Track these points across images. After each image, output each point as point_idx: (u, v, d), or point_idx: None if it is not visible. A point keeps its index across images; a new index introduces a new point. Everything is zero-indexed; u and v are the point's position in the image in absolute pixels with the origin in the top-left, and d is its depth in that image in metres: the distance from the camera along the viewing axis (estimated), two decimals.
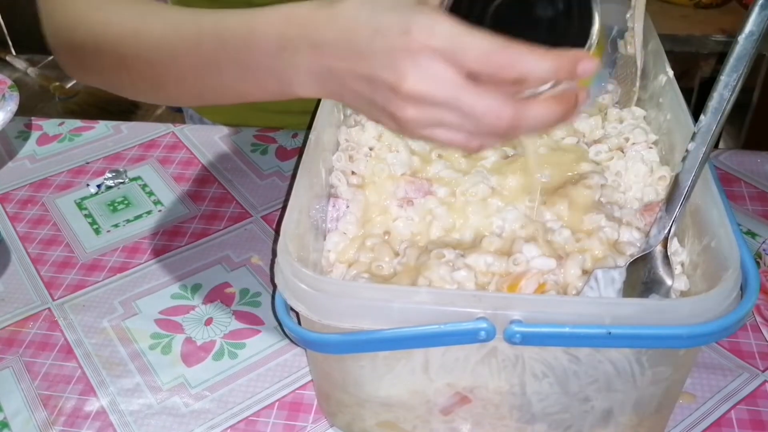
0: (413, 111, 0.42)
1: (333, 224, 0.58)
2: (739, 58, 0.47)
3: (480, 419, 0.51)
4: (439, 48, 0.40)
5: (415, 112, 0.43)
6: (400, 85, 0.41)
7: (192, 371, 0.61)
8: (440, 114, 0.42)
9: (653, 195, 0.58)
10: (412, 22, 0.41)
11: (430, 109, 0.42)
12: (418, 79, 0.41)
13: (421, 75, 0.41)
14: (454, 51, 0.40)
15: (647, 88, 0.67)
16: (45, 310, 0.67)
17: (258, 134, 0.87)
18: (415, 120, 0.43)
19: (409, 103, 0.42)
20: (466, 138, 0.44)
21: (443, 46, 0.40)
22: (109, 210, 0.77)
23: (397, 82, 0.41)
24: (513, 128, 0.42)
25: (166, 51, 0.52)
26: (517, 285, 0.50)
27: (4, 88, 0.90)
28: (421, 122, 0.43)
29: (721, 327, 0.42)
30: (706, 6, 1.51)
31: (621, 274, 0.51)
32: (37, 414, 0.58)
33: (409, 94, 0.42)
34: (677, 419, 0.55)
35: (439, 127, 0.43)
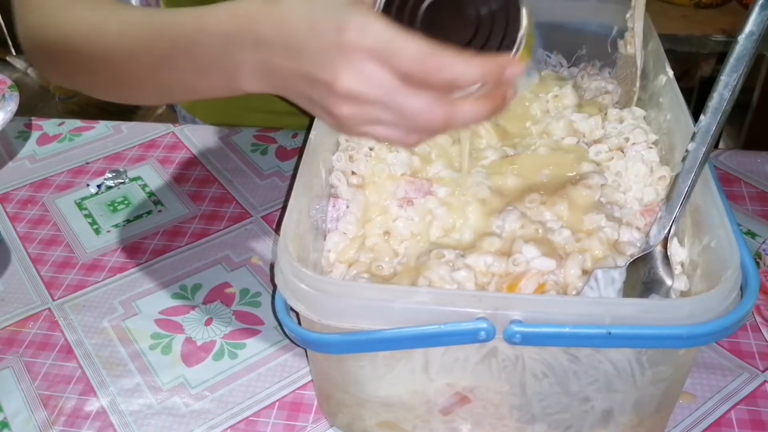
0: (348, 109, 0.44)
1: (333, 224, 0.58)
2: (739, 58, 0.47)
3: (480, 419, 0.51)
4: (372, 49, 0.41)
5: (350, 109, 0.44)
6: (335, 83, 0.43)
7: (192, 371, 0.61)
8: (375, 112, 0.44)
9: (653, 195, 0.58)
10: (345, 22, 0.42)
11: (364, 108, 0.44)
12: (352, 79, 0.42)
13: (354, 74, 0.42)
14: (387, 53, 0.41)
15: (647, 88, 0.67)
16: (45, 310, 0.67)
17: (258, 134, 0.87)
18: (350, 117, 0.44)
19: (344, 101, 0.43)
20: (402, 135, 0.45)
21: (376, 47, 0.41)
22: (109, 210, 0.77)
23: (332, 81, 0.43)
24: (446, 126, 0.44)
25: (125, 50, 0.54)
26: (516, 285, 0.50)
27: (4, 88, 0.90)
28: (357, 120, 0.44)
29: (721, 327, 0.42)
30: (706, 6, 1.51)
31: (621, 274, 0.51)
32: (37, 414, 0.58)
33: (344, 93, 0.43)
34: (677, 419, 0.55)
35: (375, 124, 0.45)
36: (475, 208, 0.57)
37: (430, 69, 0.42)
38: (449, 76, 0.42)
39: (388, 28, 0.41)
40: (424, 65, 0.41)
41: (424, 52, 0.41)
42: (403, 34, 0.41)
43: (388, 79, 0.42)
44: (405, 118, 0.43)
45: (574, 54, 0.78)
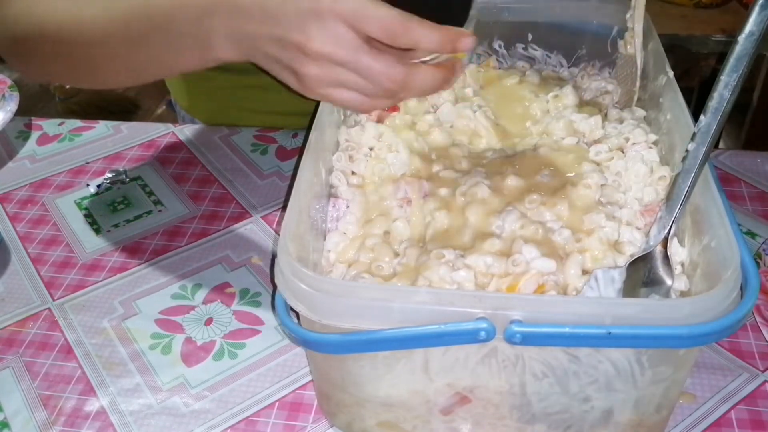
0: (316, 69, 0.48)
1: (333, 224, 0.58)
2: (739, 58, 0.47)
3: (480, 419, 0.51)
4: (344, 13, 0.46)
5: (317, 70, 0.48)
6: (307, 44, 0.47)
7: (192, 371, 0.61)
8: (340, 74, 0.48)
9: (653, 195, 0.58)
10: None
11: (331, 68, 0.48)
12: (324, 40, 0.46)
13: (326, 36, 0.46)
14: (358, 17, 0.46)
15: (647, 88, 0.67)
16: (45, 310, 0.67)
17: (258, 134, 0.87)
18: (317, 77, 0.48)
19: (313, 62, 0.48)
20: (361, 99, 0.50)
21: (348, 11, 0.46)
22: (109, 210, 0.77)
23: (304, 42, 0.47)
24: (403, 88, 0.49)
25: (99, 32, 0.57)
26: (516, 286, 0.50)
27: (4, 88, 0.90)
28: (323, 80, 0.49)
29: (721, 327, 0.42)
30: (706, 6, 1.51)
31: (621, 274, 0.51)
32: (37, 414, 0.58)
33: (315, 53, 0.47)
34: (677, 419, 0.55)
35: (338, 86, 0.49)
36: (475, 208, 0.57)
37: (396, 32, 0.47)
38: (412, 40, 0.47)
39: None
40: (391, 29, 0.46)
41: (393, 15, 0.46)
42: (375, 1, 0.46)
43: (356, 42, 0.47)
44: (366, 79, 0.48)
45: (574, 54, 0.78)
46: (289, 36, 0.47)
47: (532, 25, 0.77)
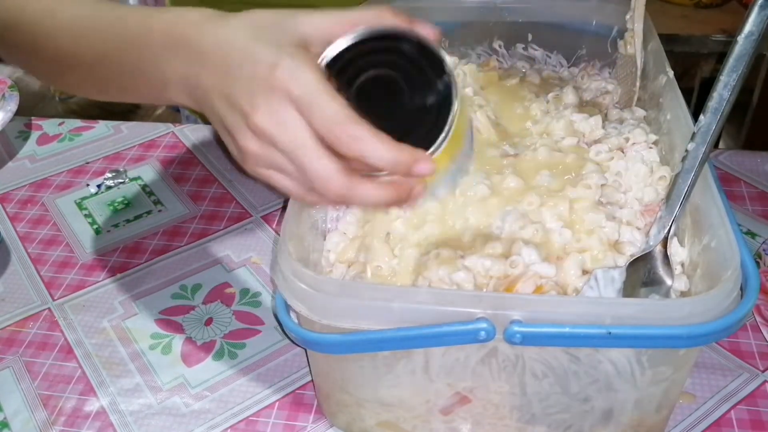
0: (255, 145, 0.43)
1: (333, 224, 0.58)
2: (739, 58, 0.47)
3: (480, 419, 0.51)
4: (295, 96, 0.41)
5: (256, 147, 0.43)
6: (250, 115, 0.42)
7: (192, 371, 0.61)
8: (279, 159, 0.43)
9: (653, 195, 0.58)
10: (281, 60, 0.41)
11: (271, 150, 0.42)
12: (268, 118, 0.41)
13: (271, 115, 0.41)
14: (308, 105, 0.40)
15: (647, 88, 0.67)
16: (45, 310, 0.67)
17: None
18: (255, 155, 0.43)
19: (253, 137, 0.42)
20: (300, 191, 0.44)
21: (300, 95, 0.40)
22: (109, 210, 0.77)
23: (249, 112, 0.42)
24: (341, 198, 0.43)
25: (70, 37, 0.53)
26: (513, 288, 0.50)
27: (4, 88, 0.90)
28: (260, 160, 0.43)
29: (721, 327, 0.42)
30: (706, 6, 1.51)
31: (621, 274, 0.51)
32: (37, 414, 0.58)
33: (256, 129, 0.42)
34: (677, 419, 0.55)
35: (276, 170, 0.44)
36: (474, 209, 0.57)
37: (342, 136, 0.40)
38: (359, 150, 0.41)
39: (318, 81, 0.41)
40: (339, 130, 0.40)
41: (342, 117, 0.40)
42: (330, 91, 0.41)
43: (301, 132, 0.41)
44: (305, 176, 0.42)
45: (574, 54, 0.78)
46: (238, 100, 0.42)
47: (532, 25, 0.77)
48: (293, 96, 0.41)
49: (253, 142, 0.43)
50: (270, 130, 0.41)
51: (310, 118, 0.41)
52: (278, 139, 0.42)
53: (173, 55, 0.46)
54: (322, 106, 0.40)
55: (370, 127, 0.41)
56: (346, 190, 0.42)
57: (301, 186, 0.43)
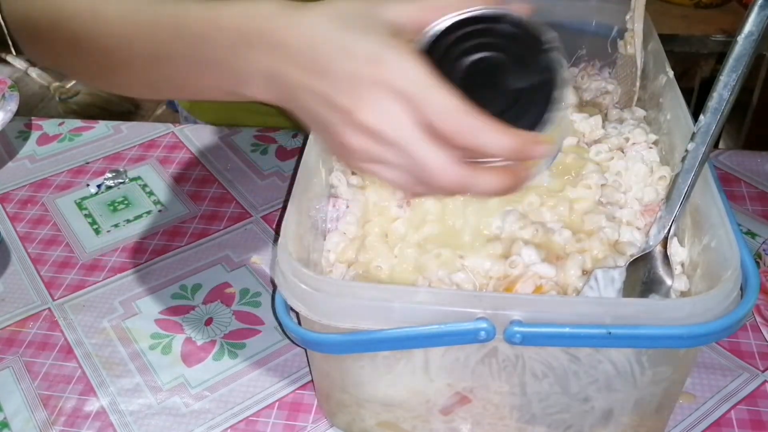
0: (360, 142, 0.41)
1: (333, 224, 0.58)
2: (739, 58, 0.47)
3: (480, 419, 0.51)
4: (404, 91, 0.39)
5: (362, 143, 0.41)
6: (355, 113, 0.40)
7: (192, 371, 0.61)
8: (387, 153, 0.41)
9: (653, 195, 0.58)
10: (384, 55, 0.40)
11: (378, 146, 0.41)
12: (376, 114, 0.40)
13: (379, 110, 0.40)
14: (418, 100, 0.39)
15: (647, 88, 0.67)
16: (45, 310, 0.67)
17: (258, 134, 0.87)
18: (360, 151, 0.42)
19: (358, 133, 0.41)
20: (409, 183, 0.43)
21: (407, 90, 0.39)
22: (109, 210, 0.77)
23: (353, 109, 0.40)
24: (458, 188, 0.42)
25: (120, 35, 0.51)
26: (513, 288, 0.50)
27: (4, 88, 0.90)
28: (366, 155, 0.42)
29: (721, 327, 0.42)
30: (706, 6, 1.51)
31: (621, 274, 0.51)
32: (37, 414, 0.58)
33: (362, 125, 0.40)
34: (677, 419, 0.55)
35: (383, 165, 0.42)
36: (474, 209, 0.57)
37: (460, 129, 0.39)
38: (476, 141, 0.40)
39: (424, 73, 0.39)
40: (455, 124, 0.39)
41: (457, 110, 0.39)
42: (438, 83, 0.39)
43: (412, 126, 0.40)
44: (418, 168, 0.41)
45: (574, 54, 0.78)
46: (337, 98, 0.40)
47: None
48: (399, 90, 0.39)
49: (358, 139, 0.41)
50: (377, 126, 0.40)
51: (421, 111, 0.39)
52: (388, 135, 0.40)
53: (251, 51, 0.44)
54: (432, 100, 0.39)
55: (484, 117, 0.40)
56: (465, 179, 0.41)
57: (410, 178, 0.42)
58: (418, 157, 0.40)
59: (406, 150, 0.40)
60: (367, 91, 0.40)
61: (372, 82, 0.40)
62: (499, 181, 0.42)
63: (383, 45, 0.40)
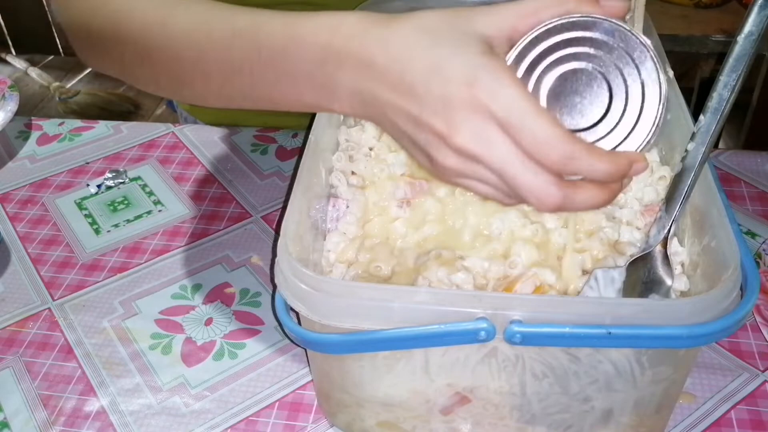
0: (456, 162, 0.41)
1: (333, 224, 0.58)
2: (739, 59, 0.47)
3: (480, 419, 0.51)
4: (497, 114, 0.38)
5: (457, 163, 0.41)
6: (451, 137, 0.40)
7: (192, 371, 0.61)
8: (482, 173, 0.41)
9: (653, 195, 0.58)
10: (477, 77, 0.39)
11: (474, 165, 0.41)
12: (471, 138, 0.39)
13: (475, 135, 0.39)
14: (517, 127, 0.38)
15: None
16: (45, 310, 0.67)
17: (258, 134, 0.87)
18: (455, 170, 0.41)
19: (454, 155, 0.41)
20: (503, 197, 0.42)
21: (503, 114, 0.38)
22: (109, 210, 0.77)
23: (447, 133, 0.40)
24: (558, 208, 0.41)
25: (194, 47, 0.49)
26: (512, 288, 0.50)
27: (4, 88, 0.90)
28: (461, 173, 0.41)
29: (721, 327, 0.42)
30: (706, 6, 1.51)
31: (621, 274, 0.51)
32: (37, 414, 0.58)
33: (458, 148, 0.40)
34: (677, 419, 0.55)
35: (478, 181, 0.42)
36: (474, 209, 0.57)
37: (556, 158, 0.39)
38: (575, 169, 0.39)
39: (521, 97, 0.39)
40: (551, 152, 0.39)
41: (553, 137, 0.38)
42: (536, 107, 0.39)
43: (509, 150, 0.39)
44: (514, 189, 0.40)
45: None
46: (430, 120, 0.40)
47: None
48: (497, 116, 0.39)
49: (454, 160, 0.41)
50: (474, 150, 0.39)
51: (518, 139, 0.39)
52: (484, 158, 0.40)
53: (338, 69, 0.43)
54: (530, 128, 0.38)
55: (582, 144, 0.39)
56: (565, 199, 0.40)
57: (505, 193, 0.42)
58: (516, 181, 0.40)
59: (503, 173, 0.40)
60: (462, 115, 0.39)
61: (467, 105, 0.39)
62: (597, 198, 0.41)
63: (476, 65, 0.39)
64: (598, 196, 0.41)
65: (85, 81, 2.58)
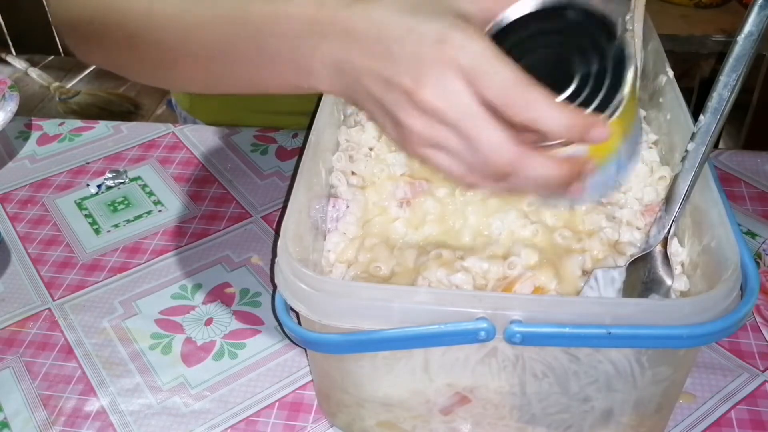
0: (419, 123, 0.41)
1: (333, 224, 0.58)
2: (739, 59, 0.47)
3: (480, 419, 0.51)
4: (464, 66, 0.39)
5: (421, 124, 0.41)
6: (416, 92, 0.40)
7: (192, 371, 0.61)
8: (445, 136, 0.41)
9: (653, 195, 0.58)
10: (449, 34, 0.40)
11: (437, 128, 0.41)
12: (435, 92, 0.40)
13: (438, 88, 0.40)
14: (478, 73, 0.39)
15: (647, 88, 0.67)
16: (45, 310, 0.67)
17: (258, 134, 0.87)
18: (419, 133, 0.42)
19: (419, 114, 0.41)
20: (464, 171, 0.43)
21: (470, 65, 0.39)
22: (109, 210, 0.77)
23: (414, 89, 0.40)
24: (510, 171, 0.41)
25: (179, 30, 0.50)
26: (511, 289, 0.50)
27: (4, 88, 0.90)
28: (425, 138, 0.42)
29: (721, 327, 0.42)
30: (706, 6, 1.51)
31: (621, 274, 0.51)
32: (37, 414, 0.58)
33: (422, 104, 0.41)
34: (677, 419, 0.55)
35: (440, 150, 0.42)
36: (474, 209, 0.57)
37: (515, 100, 0.39)
38: (532, 115, 0.39)
39: (489, 48, 0.39)
40: (511, 96, 0.39)
41: (515, 81, 0.39)
42: (501, 58, 0.39)
43: (470, 102, 0.40)
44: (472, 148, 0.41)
45: None
46: (399, 78, 0.41)
47: None
48: (462, 66, 0.39)
49: (418, 120, 0.41)
50: (436, 102, 0.40)
51: (481, 85, 0.39)
52: (446, 112, 0.40)
53: (321, 41, 0.44)
54: (493, 72, 0.39)
55: (544, 91, 0.39)
56: (516, 161, 0.40)
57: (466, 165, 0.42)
58: (473, 134, 0.40)
59: (463, 127, 0.40)
60: (430, 70, 0.40)
61: (436, 61, 0.40)
62: (553, 168, 0.41)
63: (450, 26, 0.40)
64: (553, 168, 0.41)
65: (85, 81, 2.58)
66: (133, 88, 2.49)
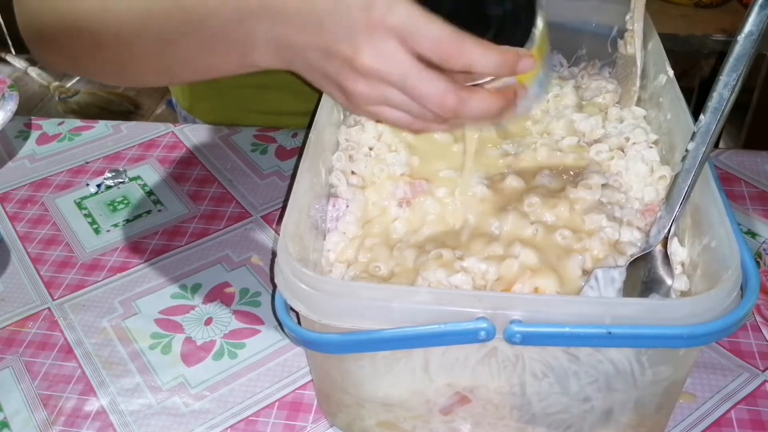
0: (363, 86, 0.45)
1: (333, 224, 0.58)
2: (739, 58, 0.47)
3: (480, 419, 0.51)
4: (395, 27, 0.43)
5: (365, 87, 0.45)
6: (354, 58, 0.43)
7: (192, 371, 0.61)
8: (388, 92, 0.45)
9: (654, 195, 0.58)
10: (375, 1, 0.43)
11: (379, 86, 0.44)
12: (372, 55, 0.43)
13: (375, 51, 0.43)
14: (409, 32, 0.43)
15: (647, 88, 0.67)
16: (45, 310, 0.67)
17: (258, 134, 0.87)
18: (364, 95, 0.45)
19: (360, 78, 0.45)
20: (410, 120, 0.46)
21: (399, 25, 0.42)
22: (109, 210, 0.77)
23: (351, 56, 0.44)
24: (455, 115, 0.45)
25: (132, 26, 0.53)
26: (511, 289, 0.50)
27: (4, 88, 0.90)
28: (370, 98, 0.45)
29: (721, 327, 0.42)
30: (706, 6, 1.51)
31: (621, 274, 0.51)
32: (37, 414, 0.58)
33: (362, 69, 0.44)
34: (677, 419, 0.55)
35: (386, 105, 0.46)
36: (474, 209, 0.56)
37: (448, 52, 0.43)
38: (466, 62, 0.43)
39: (413, 9, 0.43)
40: (443, 48, 0.43)
41: (444, 35, 0.43)
42: (428, 15, 0.43)
43: (407, 60, 0.43)
44: (416, 101, 0.44)
45: (574, 54, 0.78)
46: (337, 48, 0.44)
47: None
48: (393, 28, 0.43)
49: (361, 84, 0.45)
50: (376, 65, 0.43)
51: (414, 43, 0.43)
52: (386, 73, 0.44)
53: (257, 23, 0.47)
54: (423, 28, 0.43)
55: (471, 38, 0.43)
56: (459, 103, 0.44)
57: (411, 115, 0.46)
58: (415, 89, 0.44)
59: (405, 84, 0.44)
60: (362, 36, 0.43)
61: (366, 27, 0.43)
62: (491, 102, 0.46)
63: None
64: (493, 102, 0.46)
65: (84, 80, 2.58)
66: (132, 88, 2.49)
